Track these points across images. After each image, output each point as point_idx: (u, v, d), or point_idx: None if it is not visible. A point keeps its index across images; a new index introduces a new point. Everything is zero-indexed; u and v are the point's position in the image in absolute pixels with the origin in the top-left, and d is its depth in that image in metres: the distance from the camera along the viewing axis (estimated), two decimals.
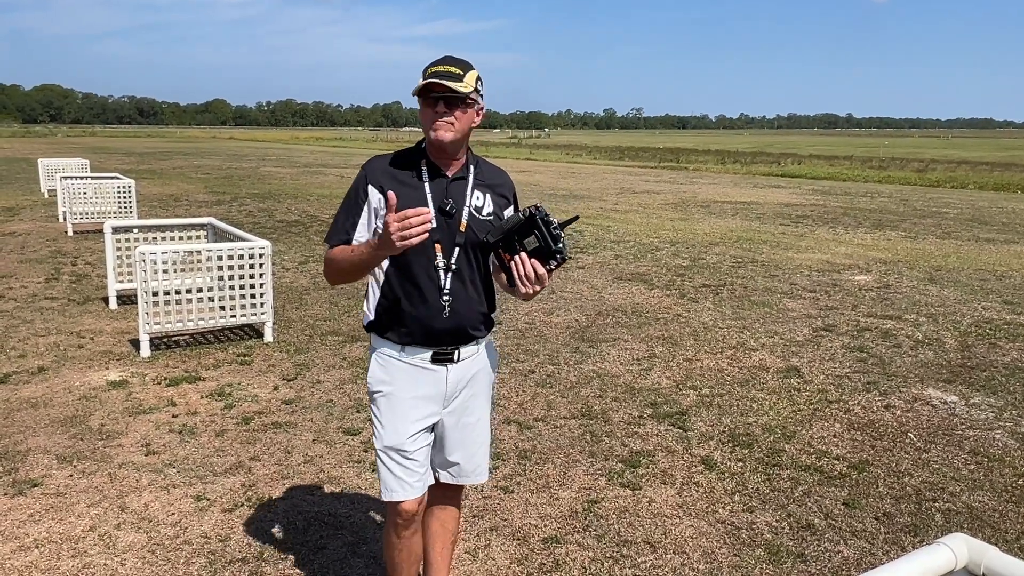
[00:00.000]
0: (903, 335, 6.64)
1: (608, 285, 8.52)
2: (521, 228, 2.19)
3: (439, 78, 2.15)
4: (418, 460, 2.39)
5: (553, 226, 2.17)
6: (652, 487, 3.82)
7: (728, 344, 6.31)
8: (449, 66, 2.19)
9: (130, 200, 11.98)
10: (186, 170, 27.02)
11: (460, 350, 2.37)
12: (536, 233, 2.17)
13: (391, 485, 2.38)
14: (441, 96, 2.17)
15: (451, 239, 2.28)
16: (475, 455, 2.51)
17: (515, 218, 2.21)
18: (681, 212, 16.03)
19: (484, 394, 2.51)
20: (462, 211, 2.30)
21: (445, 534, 2.66)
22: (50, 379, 5.23)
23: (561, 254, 2.18)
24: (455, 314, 2.31)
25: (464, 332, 2.35)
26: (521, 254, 2.18)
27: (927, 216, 15.94)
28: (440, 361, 2.35)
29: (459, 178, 2.32)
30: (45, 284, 8.17)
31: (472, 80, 2.20)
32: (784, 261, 10.25)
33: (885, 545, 3.33)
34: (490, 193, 2.37)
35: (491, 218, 2.34)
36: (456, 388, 2.40)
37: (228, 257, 6.04)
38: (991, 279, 9.20)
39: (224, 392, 5.03)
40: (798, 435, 4.49)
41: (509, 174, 2.55)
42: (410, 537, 2.49)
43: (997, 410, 4.94)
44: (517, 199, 2.49)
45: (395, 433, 2.37)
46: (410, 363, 2.35)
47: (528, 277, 2.17)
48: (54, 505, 3.53)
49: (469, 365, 2.41)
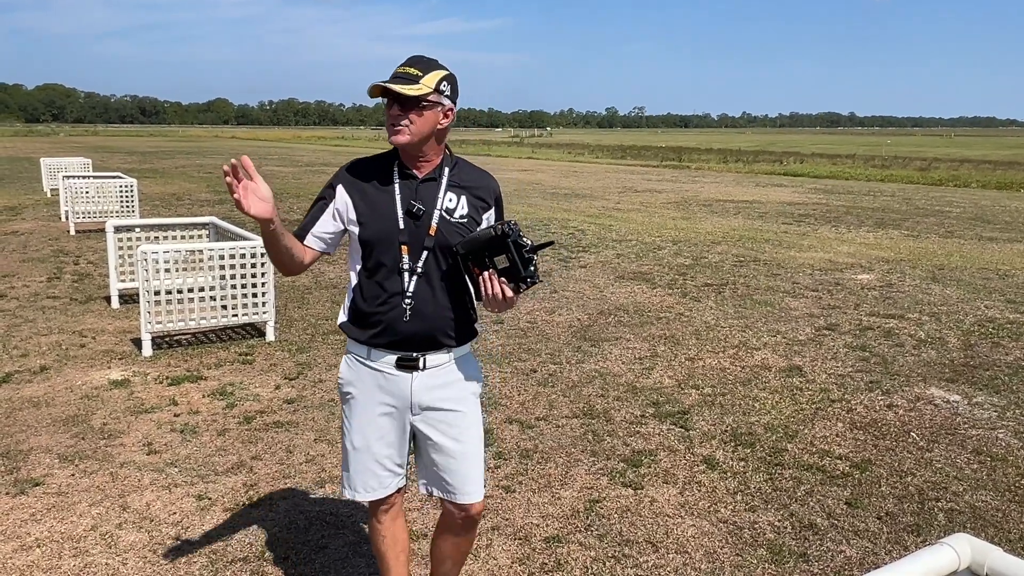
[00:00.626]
0: (906, 334, 6.63)
1: (610, 284, 8.52)
2: (492, 244, 2.11)
3: (393, 80, 2.13)
4: (382, 463, 2.37)
5: (526, 248, 2.09)
6: (654, 486, 3.82)
7: (730, 343, 6.30)
8: (409, 67, 2.16)
9: (132, 199, 11.99)
10: (188, 169, 27.05)
11: (426, 357, 2.29)
12: (507, 254, 2.10)
13: (355, 485, 2.39)
14: (396, 98, 2.15)
15: (419, 242, 2.23)
16: (463, 477, 2.36)
17: (487, 232, 2.13)
18: (683, 211, 16.02)
19: (470, 410, 2.38)
20: (432, 214, 2.24)
21: (459, 555, 2.57)
22: (52, 378, 5.23)
23: (531, 279, 2.11)
24: (417, 317, 2.24)
25: (430, 338, 2.28)
26: (490, 271, 2.12)
27: (930, 215, 15.91)
28: (405, 367, 2.29)
29: (430, 179, 2.27)
30: (47, 283, 8.18)
31: (432, 81, 2.14)
32: (786, 260, 10.23)
33: (888, 545, 3.32)
34: (466, 195, 2.30)
35: (465, 220, 2.27)
36: (424, 397, 2.31)
37: (230, 256, 6.04)
38: (994, 278, 9.18)
39: (226, 391, 5.03)
40: (800, 434, 4.49)
41: (506, 175, 2.53)
42: (391, 523, 2.48)
43: (1000, 409, 4.93)
44: (501, 203, 2.41)
45: (361, 436, 2.36)
46: (375, 367, 2.32)
47: (495, 297, 2.12)
48: (56, 504, 3.53)
49: (440, 375, 2.32)
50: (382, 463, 2.37)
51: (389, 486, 2.41)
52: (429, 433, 2.35)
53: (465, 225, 2.27)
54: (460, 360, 2.37)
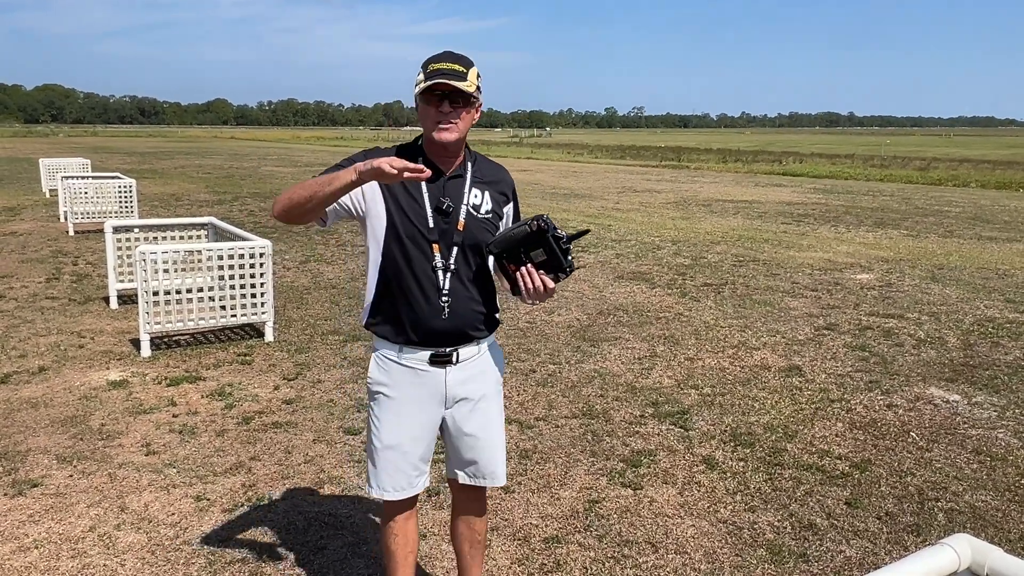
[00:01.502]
0: (905, 334, 6.62)
1: (609, 284, 8.51)
2: (528, 240, 2.13)
3: (444, 76, 2.09)
4: (413, 462, 2.38)
5: (563, 240, 2.12)
6: (653, 487, 3.81)
7: (730, 343, 6.30)
8: (452, 63, 2.13)
9: (131, 200, 11.98)
10: (187, 170, 27.04)
11: (459, 351, 2.32)
12: (544, 247, 2.11)
13: (384, 484, 2.38)
14: (446, 95, 2.12)
15: (449, 239, 2.24)
16: (491, 458, 2.46)
17: (522, 229, 2.14)
18: (682, 211, 16.02)
19: (494, 396, 2.46)
20: (459, 210, 2.25)
21: (472, 534, 2.64)
22: (50, 379, 5.23)
23: (570, 267, 2.13)
24: (454, 315, 2.27)
25: (463, 333, 2.31)
26: (528, 266, 2.13)
27: (929, 215, 15.91)
28: (438, 363, 2.31)
29: (456, 176, 2.27)
30: (46, 284, 8.17)
31: (474, 77, 2.15)
32: (786, 260, 10.23)
33: (887, 545, 3.31)
34: (488, 190, 2.32)
35: (490, 216, 2.30)
36: (457, 390, 2.35)
37: (229, 257, 6.03)
38: (993, 277, 9.18)
39: (224, 392, 5.02)
40: (800, 434, 4.48)
41: (509, 172, 2.52)
42: (404, 522, 2.49)
43: (1000, 409, 4.93)
44: (517, 196, 2.45)
45: (392, 434, 2.35)
46: (408, 365, 2.32)
47: (537, 290, 2.13)
48: (54, 505, 3.52)
49: (470, 367, 2.36)
50: (412, 463, 2.38)
51: (417, 486, 2.42)
52: (460, 422, 2.39)
53: (490, 220, 2.29)
54: (488, 349, 2.42)
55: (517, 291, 2.18)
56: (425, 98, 2.15)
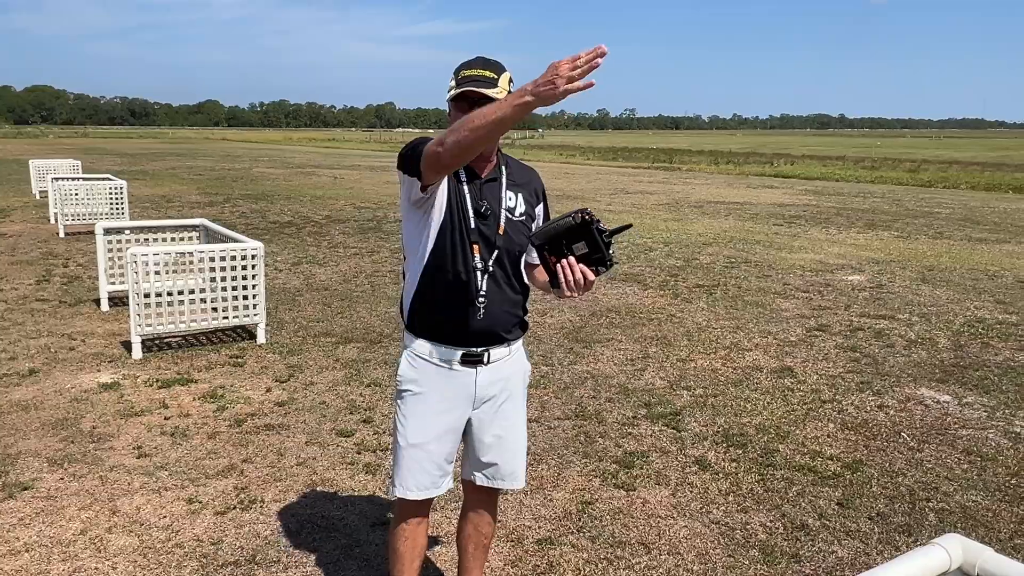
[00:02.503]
0: (896, 335, 6.65)
1: (602, 285, 8.52)
2: (570, 232, 2.13)
3: (475, 84, 2.13)
4: (438, 462, 2.39)
5: (605, 234, 2.13)
6: (646, 488, 3.82)
7: (722, 344, 6.31)
8: (483, 70, 2.17)
9: (122, 201, 11.93)
10: (178, 171, 26.95)
11: (490, 352, 2.35)
12: (587, 240, 2.12)
13: (407, 483, 2.38)
14: (476, 101, 2.12)
15: (490, 241, 2.28)
16: (512, 459, 2.49)
17: (566, 222, 2.14)
18: (674, 212, 16.05)
19: (519, 398, 2.49)
20: (500, 214, 2.29)
21: (479, 537, 2.65)
22: (41, 381, 5.20)
23: (611, 261, 2.14)
24: (489, 316, 2.30)
25: (496, 335, 2.34)
26: (569, 259, 2.13)
27: (919, 216, 15.99)
28: (470, 363, 2.34)
29: (492, 179, 2.31)
30: (36, 286, 8.13)
31: (506, 83, 2.18)
32: (777, 261, 10.26)
33: (879, 545, 3.33)
34: (521, 192, 2.37)
35: (523, 218, 2.34)
36: (487, 391, 2.38)
37: (220, 258, 6.01)
38: (983, 279, 9.23)
39: (216, 394, 5.01)
40: (792, 435, 4.50)
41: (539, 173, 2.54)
42: (416, 526, 2.49)
43: (990, 409, 4.96)
44: (546, 197, 2.49)
45: (419, 432, 2.36)
46: (439, 364, 2.34)
47: (577, 283, 2.13)
48: (44, 508, 3.51)
49: (500, 368, 2.39)
50: (437, 463, 2.39)
51: (440, 486, 2.43)
52: (486, 423, 2.42)
53: (524, 223, 2.34)
54: (516, 351, 2.45)
55: (556, 283, 2.17)
56: (457, 104, 2.18)
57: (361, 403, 4.87)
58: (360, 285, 8.38)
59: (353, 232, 12.33)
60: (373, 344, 6.13)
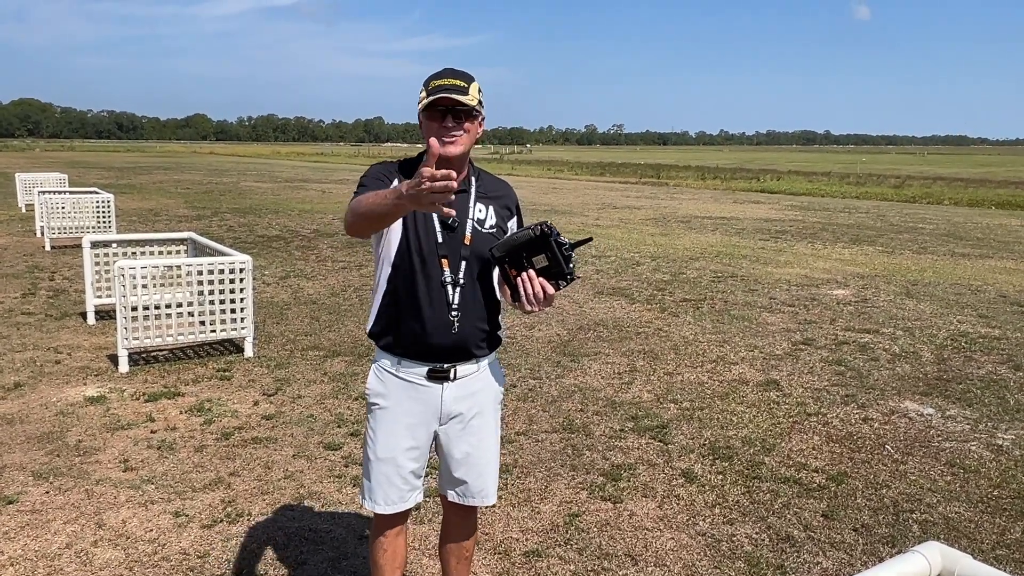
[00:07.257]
0: (880, 348, 6.71)
1: (589, 300, 8.55)
2: (531, 245, 2.13)
3: (446, 92, 2.14)
4: (405, 476, 2.38)
5: (565, 247, 2.13)
6: (633, 500, 3.83)
7: (708, 358, 6.35)
8: (453, 79, 2.18)
9: (109, 215, 11.90)
10: (166, 185, 26.87)
11: (457, 368, 2.33)
12: (547, 253, 2.12)
13: (376, 497, 2.39)
14: (449, 110, 2.16)
15: (457, 253, 2.26)
16: (481, 476, 2.45)
17: (526, 234, 2.14)
18: (662, 227, 16.14)
19: (491, 415, 2.46)
20: (465, 224, 2.28)
21: (460, 550, 2.64)
22: (26, 395, 5.17)
23: (571, 275, 2.14)
24: (462, 330, 2.28)
25: (465, 350, 2.32)
26: (529, 272, 2.13)
27: (904, 231, 16.14)
28: (436, 378, 2.33)
29: (461, 191, 2.27)
30: (22, 299, 8.08)
31: (475, 92, 2.19)
32: (763, 275, 10.33)
33: (863, 556, 3.36)
34: (493, 205, 2.36)
35: (494, 231, 2.32)
36: (453, 407, 2.36)
37: (208, 272, 6.01)
38: (966, 293, 9.32)
39: (203, 407, 4.99)
40: (777, 448, 4.53)
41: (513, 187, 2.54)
42: (394, 538, 2.49)
43: (973, 422, 5.01)
44: (521, 211, 2.48)
45: (387, 447, 2.36)
46: (405, 378, 2.33)
47: (536, 296, 2.14)
48: (30, 522, 3.48)
49: (468, 384, 2.37)
50: (405, 477, 2.38)
51: (409, 500, 2.42)
52: (453, 440, 2.40)
53: (494, 235, 2.32)
54: (487, 368, 2.43)
55: (517, 297, 2.17)
56: (428, 114, 2.19)
57: (348, 416, 4.87)
58: (348, 299, 8.37)
59: (341, 246, 12.33)
60: (361, 357, 6.13)
